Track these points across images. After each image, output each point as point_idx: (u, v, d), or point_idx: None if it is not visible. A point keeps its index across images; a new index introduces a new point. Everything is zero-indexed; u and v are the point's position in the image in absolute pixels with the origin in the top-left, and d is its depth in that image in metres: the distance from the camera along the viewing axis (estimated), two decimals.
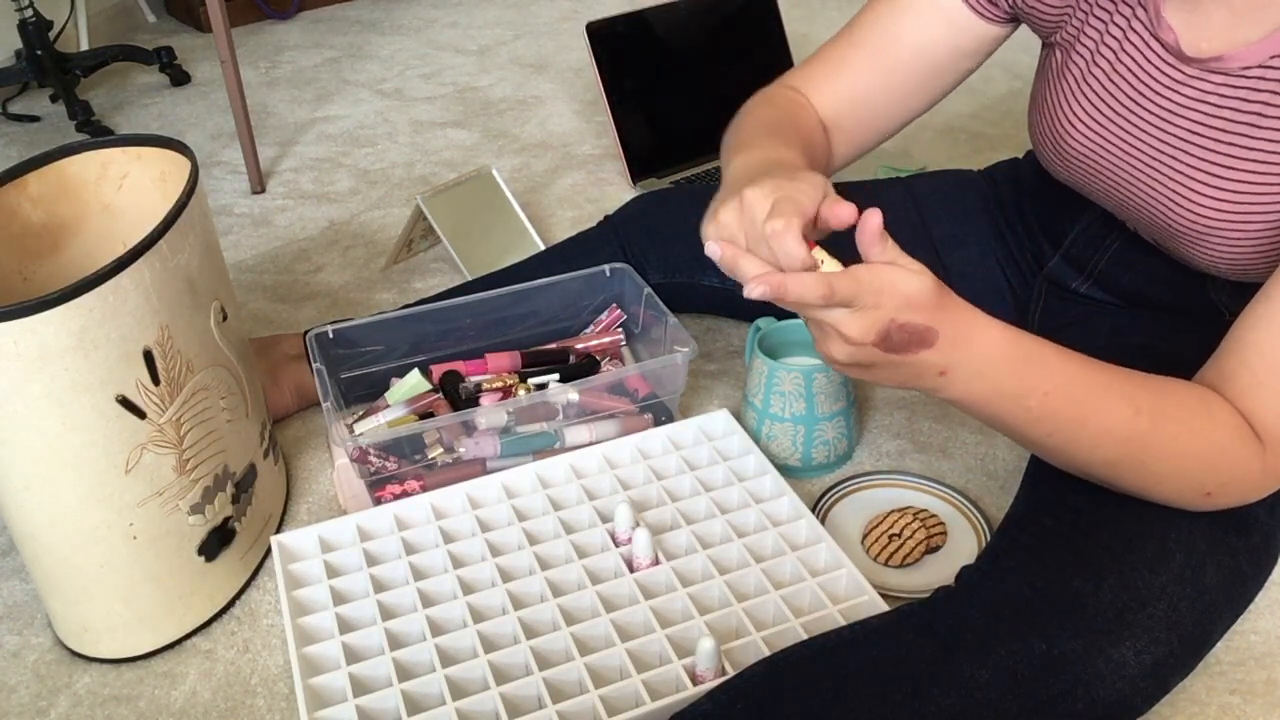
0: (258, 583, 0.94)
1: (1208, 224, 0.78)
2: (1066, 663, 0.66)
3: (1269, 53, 0.71)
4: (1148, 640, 0.67)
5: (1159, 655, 0.67)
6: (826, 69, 0.93)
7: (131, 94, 2.16)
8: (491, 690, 0.76)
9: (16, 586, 0.95)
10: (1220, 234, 0.78)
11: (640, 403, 1.06)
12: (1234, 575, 0.73)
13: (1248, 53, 0.72)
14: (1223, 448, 0.68)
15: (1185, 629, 0.69)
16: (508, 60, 2.24)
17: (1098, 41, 0.82)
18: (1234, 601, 0.74)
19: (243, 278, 1.44)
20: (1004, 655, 0.66)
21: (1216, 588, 0.71)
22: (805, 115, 0.92)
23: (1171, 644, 0.68)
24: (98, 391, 0.75)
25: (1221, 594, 0.72)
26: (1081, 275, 0.98)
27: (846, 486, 1.00)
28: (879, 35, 0.91)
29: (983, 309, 1.08)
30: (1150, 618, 0.68)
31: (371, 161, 1.78)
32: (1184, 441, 0.67)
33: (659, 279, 1.17)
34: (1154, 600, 0.69)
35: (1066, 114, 0.85)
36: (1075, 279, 0.99)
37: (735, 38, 1.67)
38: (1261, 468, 0.68)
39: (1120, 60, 0.80)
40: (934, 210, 1.12)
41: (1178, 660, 0.69)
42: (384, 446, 0.96)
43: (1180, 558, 0.70)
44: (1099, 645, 0.67)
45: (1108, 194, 0.87)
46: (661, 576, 0.86)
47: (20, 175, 0.88)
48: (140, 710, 0.83)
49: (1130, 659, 0.67)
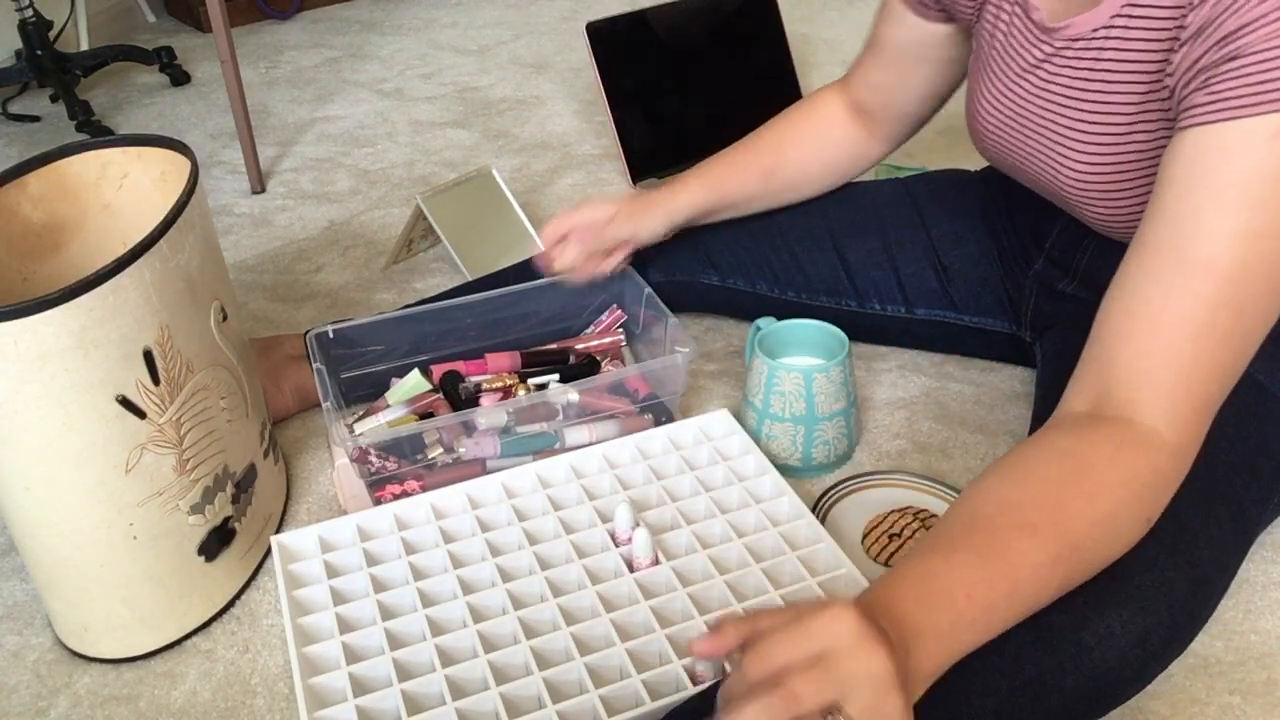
0: (258, 583, 0.94)
1: (1090, 185, 0.83)
2: (1052, 636, 0.66)
3: (1097, 23, 0.78)
4: (1135, 609, 0.67)
5: (1148, 624, 0.67)
6: (858, 63, 1.08)
7: (131, 94, 2.16)
8: (491, 690, 0.76)
9: (16, 586, 0.95)
10: (1105, 193, 0.83)
11: (640, 403, 1.06)
12: (1223, 547, 0.73)
13: (1082, 22, 0.79)
14: (1124, 480, 0.66)
15: (1176, 599, 0.68)
16: (508, 60, 2.24)
17: (992, 25, 0.89)
18: (1225, 573, 0.74)
19: (243, 278, 1.44)
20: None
21: (1208, 560, 0.71)
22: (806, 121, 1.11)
23: (1160, 613, 0.68)
24: (98, 391, 0.75)
25: (1213, 566, 0.71)
26: (1066, 276, 0.99)
27: (846, 486, 1.00)
28: (878, 35, 1.04)
29: (980, 308, 1.10)
30: (1139, 587, 0.68)
31: (371, 161, 1.78)
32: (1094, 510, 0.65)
33: (659, 277, 1.18)
34: (1142, 570, 0.68)
35: (976, 98, 0.93)
36: (1061, 280, 1.00)
37: (735, 38, 1.67)
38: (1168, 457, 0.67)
39: (1007, 41, 0.87)
40: (933, 209, 1.12)
41: (1168, 631, 0.68)
42: (384, 446, 0.96)
43: (1171, 530, 0.70)
44: (1084, 616, 0.66)
45: (1020, 171, 0.92)
46: (661, 576, 0.86)
47: (20, 175, 0.88)
48: (140, 710, 0.83)
49: (1117, 628, 0.66)
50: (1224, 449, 0.77)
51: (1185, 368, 0.67)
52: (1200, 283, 0.66)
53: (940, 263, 1.11)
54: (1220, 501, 0.74)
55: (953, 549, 0.63)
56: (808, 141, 1.10)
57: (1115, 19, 0.77)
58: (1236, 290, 0.65)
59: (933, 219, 1.12)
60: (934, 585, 0.61)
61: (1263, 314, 0.67)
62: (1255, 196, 0.64)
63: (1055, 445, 0.68)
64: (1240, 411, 0.80)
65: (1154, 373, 0.67)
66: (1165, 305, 0.67)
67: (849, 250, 1.13)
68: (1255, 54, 0.63)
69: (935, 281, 1.11)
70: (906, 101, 1.06)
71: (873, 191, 1.16)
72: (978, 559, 0.62)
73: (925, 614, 0.60)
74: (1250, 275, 0.65)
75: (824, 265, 1.13)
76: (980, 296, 1.10)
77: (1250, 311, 0.66)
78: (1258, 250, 0.65)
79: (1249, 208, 0.64)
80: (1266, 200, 0.64)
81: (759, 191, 1.11)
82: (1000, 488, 0.66)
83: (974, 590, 0.61)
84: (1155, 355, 0.67)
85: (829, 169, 1.12)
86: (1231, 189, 0.64)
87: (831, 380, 0.98)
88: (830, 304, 1.15)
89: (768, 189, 1.11)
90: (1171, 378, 0.67)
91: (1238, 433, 0.78)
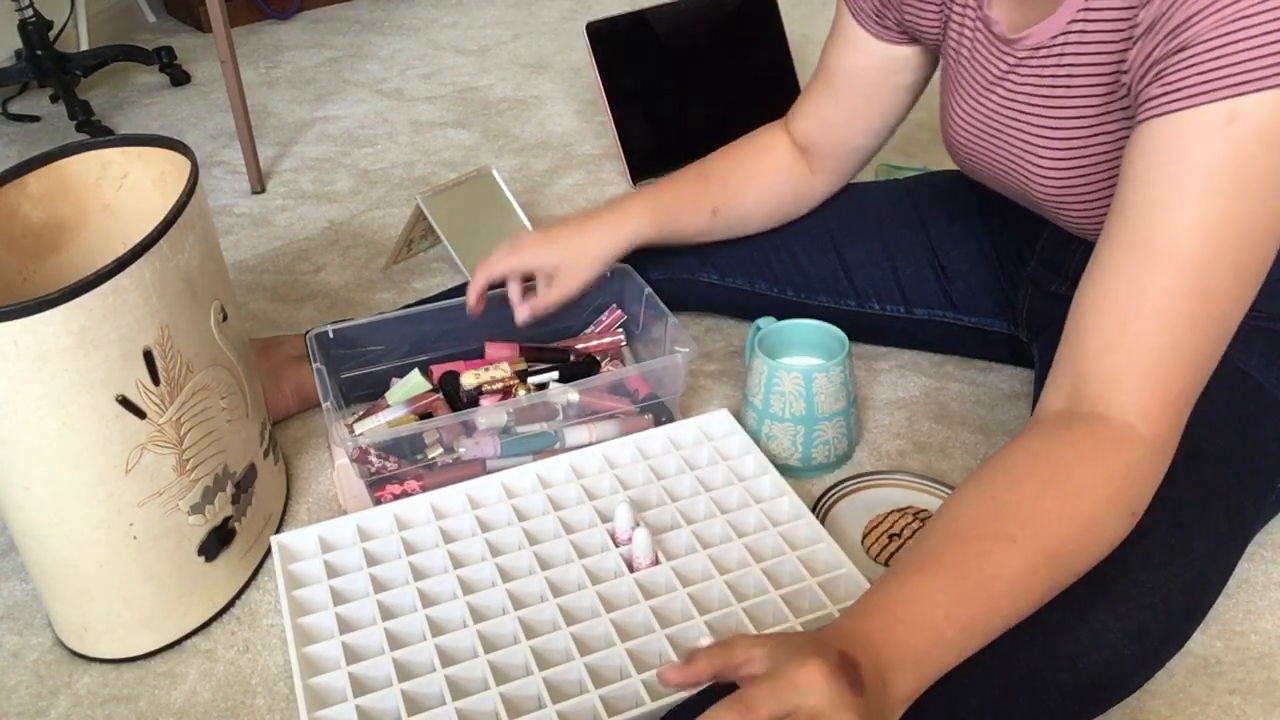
0: (258, 583, 0.94)
1: (1059, 189, 0.84)
2: (1046, 633, 0.66)
3: (1055, 30, 0.79)
4: (1130, 606, 0.67)
5: (1144, 621, 0.67)
6: (804, 98, 1.08)
7: (131, 94, 2.16)
8: (491, 690, 0.76)
9: (16, 586, 0.95)
10: (1075, 197, 0.84)
11: (640, 403, 1.06)
12: (1219, 543, 0.73)
13: (1040, 30, 0.80)
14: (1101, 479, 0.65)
15: (1173, 596, 0.68)
16: (508, 60, 2.24)
17: (957, 42, 0.90)
18: (1222, 571, 0.74)
19: (243, 278, 1.44)
20: None
21: (1205, 556, 0.71)
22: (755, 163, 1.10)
23: (1156, 609, 0.68)
24: (98, 391, 0.75)
25: (1210, 562, 0.71)
26: (1059, 277, 0.99)
27: (846, 486, 1.00)
28: (829, 64, 1.03)
29: (979, 308, 1.10)
30: (1134, 584, 0.68)
31: (371, 161, 1.78)
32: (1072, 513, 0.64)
33: (659, 276, 1.18)
34: (1137, 568, 0.68)
35: (948, 114, 0.94)
36: (1053, 281, 1.00)
37: (735, 38, 1.67)
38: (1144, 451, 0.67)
39: (972, 57, 0.89)
40: (932, 210, 1.12)
41: (1164, 628, 0.68)
42: (384, 446, 0.96)
43: (1166, 526, 0.70)
44: (1078, 612, 0.66)
45: (995, 180, 0.93)
46: (661, 576, 0.86)
47: (20, 175, 0.88)
48: (140, 710, 0.83)
49: (1112, 624, 0.66)
50: (1221, 447, 0.77)
51: (1155, 358, 0.66)
52: (1164, 272, 0.66)
53: (939, 263, 1.11)
54: (1217, 499, 0.74)
55: (930, 566, 0.63)
56: (752, 181, 1.10)
57: (1072, 24, 0.77)
58: (1203, 277, 0.65)
59: (932, 219, 1.12)
60: (911, 608, 0.61)
61: (1233, 299, 0.67)
62: (1214, 184, 0.64)
63: (1029, 449, 0.68)
64: (1237, 410, 0.80)
65: (1123, 366, 0.67)
66: (1131, 297, 0.67)
67: (848, 250, 1.13)
68: (1203, 43, 0.64)
69: (934, 282, 1.11)
70: (855, 135, 1.05)
71: (872, 192, 1.16)
72: (955, 575, 0.62)
73: (903, 638, 0.60)
74: (1216, 261, 0.65)
75: (823, 265, 1.14)
76: (979, 297, 1.10)
77: (1220, 297, 0.66)
78: (1221, 236, 0.65)
79: (1209, 195, 0.64)
80: (1225, 187, 0.64)
81: (705, 228, 1.11)
82: (977, 498, 0.66)
83: (952, 609, 0.61)
84: (1123, 348, 0.67)
85: (772, 212, 1.12)
86: (1190, 177, 0.65)
87: (831, 380, 0.98)
88: (830, 304, 1.15)
89: (713, 226, 1.11)
90: (1141, 369, 0.67)
91: (1235, 431, 0.79)
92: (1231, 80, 0.63)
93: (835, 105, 1.04)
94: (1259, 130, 0.63)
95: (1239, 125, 0.63)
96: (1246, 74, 0.62)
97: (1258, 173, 0.64)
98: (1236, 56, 0.62)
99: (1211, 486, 0.74)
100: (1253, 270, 0.66)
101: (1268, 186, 0.64)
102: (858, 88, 1.02)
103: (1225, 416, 0.78)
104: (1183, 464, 0.71)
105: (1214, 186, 0.64)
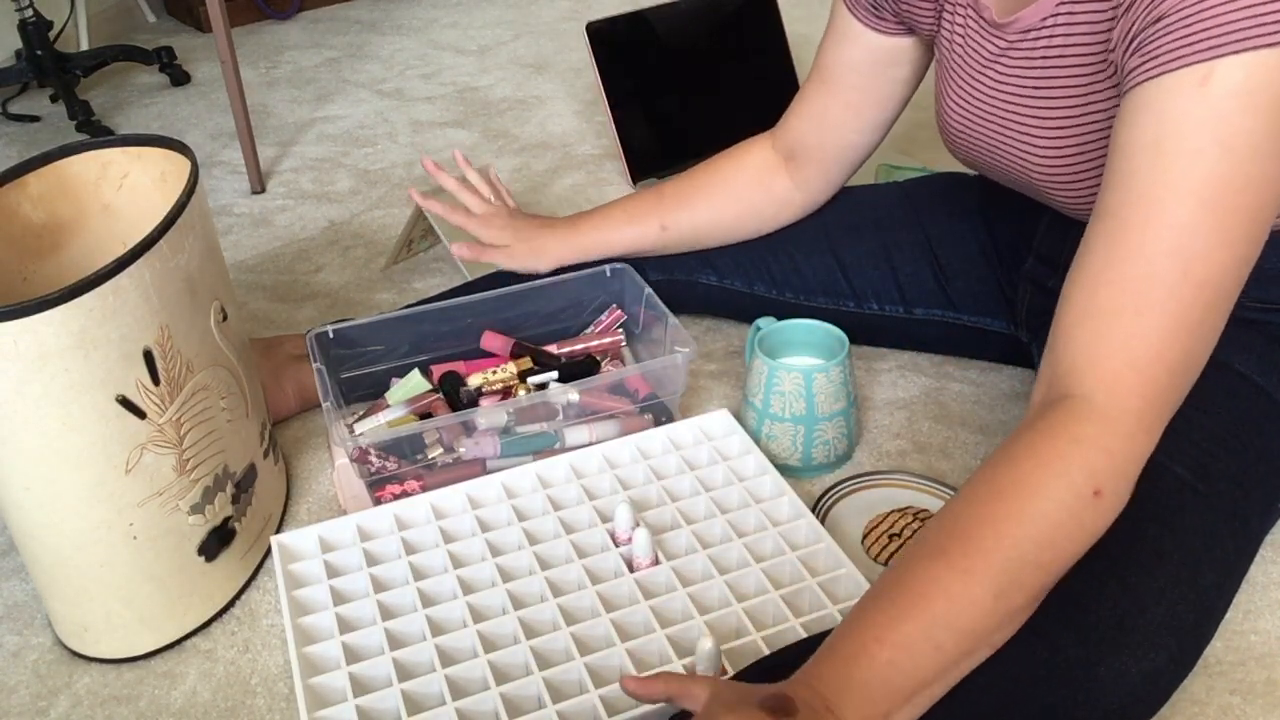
0: (258, 583, 0.94)
1: (1055, 169, 0.84)
2: (1069, 670, 0.65)
3: (1044, 12, 0.80)
4: (1147, 647, 0.67)
5: (1158, 663, 0.67)
6: (797, 102, 1.08)
7: (131, 94, 2.16)
8: (491, 690, 0.76)
9: (16, 586, 0.95)
10: (1072, 176, 0.84)
11: (640, 403, 1.06)
12: (1226, 570, 0.72)
13: (1030, 13, 0.81)
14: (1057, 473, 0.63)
15: (1182, 632, 0.68)
16: (508, 60, 2.24)
17: (950, 31, 0.91)
18: (1226, 597, 0.73)
19: (243, 278, 1.44)
20: (1004, 661, 0.65)
21: (1211, 586, 0.71)
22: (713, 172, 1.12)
23: (1169, 648, 0.67)
24: (98, 391, 0.75)
25: (1216, 592, 0.71)
26: (1056, 273, 0.99)
27: (846, 486, 1.00)
28: (824, 62, 1.04)
29: (978, 308, 1.10)
30: (1149, 623, 0.67)
31: (371, 161, 1.78)
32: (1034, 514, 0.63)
33: (658, 277, 1.18)
34: (1152, 605, 0.68)
35: (942, 103, 0.95)
36: (1051, 277, 1.00)
37: (735, 38, 1.67)
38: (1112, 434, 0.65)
39: (965, 43, 0.90)
40: (929, 210, 1.13)
41: (1176, 665, 0.68)
42: (384, 446, 0.96)
43: (1176, 558, 0.70)
44: (1100, 653, 0.66)
45: (992, 168, 0.93)
46: (661, 576, 0.86)
47: (20, 175, 0.88)
48: (140, 710, 0.83)
49: (1131, 667, 0.66)
50: (1225, 462, 0.76)
51: (1122, 324, 0.65)
52: (1140, 233, 0.65)
53: (938, 262, 1.11)
54: (1223, 519, 0.74)
55: (871, 594, 0.64)
56: (712, 196, 1.11)
57: (1060, 6, 0.78)
58: (1181, 239, 0.64)
59: (929, 219, 1.12)
60: (845, 640, 0.62)
61: (1219, 267, 0.65)
62: (1193, 144, 0.64)
63: (997, 456, 0.67)
64: (1239, 418, 0.79)
65: (1089, 338, 0.66)
66: (1107, 265, 0.66)
67: (846, 252, 1.13)
68: (1177, 12, 0.64)
69: (933, 281, 1.11)
70: (850, 131, 1.05)
71: (869, 194, 1.16)
72: (890, 597, 0.62)
73: (841, 670, 0.60)
74: (1195, 223, 0.64)
75: (821, 267, 1.14)
76: (978, 295, 1.10)
77: (1202, 261, 0.64)
78: (1201, 197, 0.64)
79: (1189, 154, 0.64)
80: (1205, 147, 0.63)
81: (655, 243, 1.14)
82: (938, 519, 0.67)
83: (883, 631, 0.61)
84: (1091, 316, 0.66)
85: (734, 225, 1.13)
86: (1168, 139, 0.64)
87: (831, 380, 0.98)
88: (829, 305, 1.15)
89: (663, 240, 1.13)
90: (1106, 338, 0.65)
91: (1238, 443, 0.78)
92: (1205, 44, 0.63)
93: (832, 101, 1.04)
94: (1233, 90, 0.63)
95: (1214, 86, 0.63)
96: (1220, 38, 0.63)
97: (1237, 134, 0.63)
98: (1210, 22, 0.63)
99: (1217, 508, 0.73)
100: (1240, 239, 0.65)
101: (1251, 149, 0.63)
102: (855, 82, 1.03)
103: (1228, 429, 0.78)
104: (1191, 486, 0.71)
105: (1193, 147, 0.64)
